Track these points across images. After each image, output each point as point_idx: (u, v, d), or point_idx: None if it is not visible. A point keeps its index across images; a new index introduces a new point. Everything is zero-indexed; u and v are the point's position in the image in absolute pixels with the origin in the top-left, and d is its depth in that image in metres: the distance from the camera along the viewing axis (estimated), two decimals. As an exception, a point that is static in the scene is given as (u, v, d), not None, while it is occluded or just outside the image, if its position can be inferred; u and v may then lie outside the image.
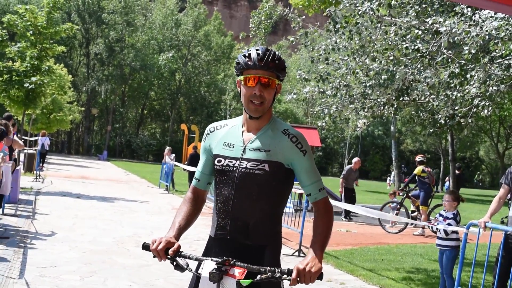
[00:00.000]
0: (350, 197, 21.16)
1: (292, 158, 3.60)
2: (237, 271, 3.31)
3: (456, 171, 21.54)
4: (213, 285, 3.32)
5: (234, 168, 3.63)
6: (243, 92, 3.63)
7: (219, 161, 3.71)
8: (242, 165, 3.61)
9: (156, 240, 3.48)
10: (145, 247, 3.54)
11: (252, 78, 3.57)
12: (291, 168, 3.64)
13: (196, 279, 3.57)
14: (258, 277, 3.28)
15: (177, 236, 3.60)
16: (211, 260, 3.38)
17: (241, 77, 3.63)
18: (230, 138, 3.75)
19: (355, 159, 22.23)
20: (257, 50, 3.60)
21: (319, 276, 3.29)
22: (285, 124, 3.76)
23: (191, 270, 3.44)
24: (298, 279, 3.25)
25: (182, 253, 3.48)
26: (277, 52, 3.64)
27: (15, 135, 9.97)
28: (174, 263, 3.44)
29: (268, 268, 3.27)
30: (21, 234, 11.63)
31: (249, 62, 3.58)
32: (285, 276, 3.25)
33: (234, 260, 3.34)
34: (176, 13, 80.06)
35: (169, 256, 3.45)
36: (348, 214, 20.66)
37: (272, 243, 3.64)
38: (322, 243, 3.51)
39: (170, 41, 79.04)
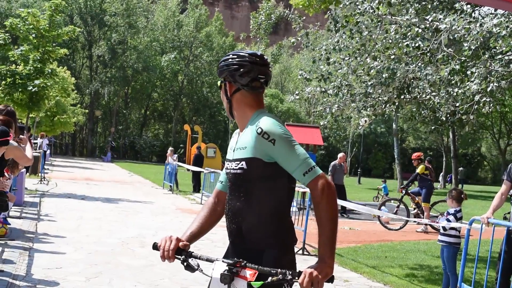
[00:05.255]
0: (340, 193, 21.14)
1: (266, 151, 3.41)
2: (248, 273, 3.25)
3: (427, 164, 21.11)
4: (224, 287, 3.28)
5: (228, 171, 3.68)
6: None
7: (224, 165, 3.76)
8: (231, 166, 3.63)
9: (166, 239, 3.45)
10: (156, 247, 3.51)
11: None
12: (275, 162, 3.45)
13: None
14: (269, 279, 3.18)
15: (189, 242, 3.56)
16: (222, 261, 3.34)
17: None
18: (232, 141, 3.77)
19: (340, 154, 22.21)
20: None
21: (330, 279, 3.20)
22: (263, 117, 3.53)
23: (202, 270, 3.39)
24: (306, 282, 3.13)
25: (192, 253, 3.45)
26: (231, 54, 3.72)
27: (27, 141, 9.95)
28: (185, 264, 3.39)
29: (279, 270, 3.16)
30: (26, 236, 11.67)
31: None
32: (296, 278, 3.15)
33: (245, 262, 3.28)
34: (177, 15, 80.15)
35: (180, 257, 3.40)
36: (344, 211, 20.70)
37: (272, 248, 3.47)
38: (330, 242, 3.29)
39: (172, 43, 79.15)
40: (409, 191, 18.69)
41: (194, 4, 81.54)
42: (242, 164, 3.51)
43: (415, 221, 17.99)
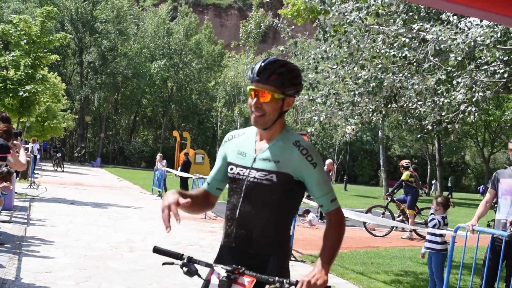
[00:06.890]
0: None
1: (302, 171, 3.52)
2: (246, 280, 3.29)
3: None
4: None
5: (244, 177, 3.62)
6: (248, 102, 3.62)
7: (231, 169, 3.70)
8: (251, 174, 3.58)
9: (168, 196, 3.36)
10: (156, 250, 3.56)
11: (251, 91, 3.54)
12: (301, 181, 3.56)
13: (206, 285, 3.56)
14: (267, 287, 3.26)
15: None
16: (221, 267, 3.37)
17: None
18: (244, 147, 3.72)
19: (328, 161, 22.26)
20: (262, 62, 3.52)
21: (326, 287, 3.26)
22: (297, 135, 3.66)
23: (200, 276, 3.44)
24: None
25: (192, 258, 3.49)
26: (287, 65, 3.56)
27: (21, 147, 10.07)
28: (184, 268, 3.43)
29: (276, 278, 3.22)
30: (16, 241, 11.72)
31: (250, 74, 3.57)
32: (293, 287, 3.19)
33: (243, 269, 3.33)
34: (167, 22, 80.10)
35: (179, 262, 3.47)
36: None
37: (277, 253, 3.54)
38: (331, 255, 3.46)
39: (162, 50, 79.04)
40: (394, 198, 18.82)
41: (184, 12, 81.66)
42: (271, 177, 3.53)
43: (401, 228, 18.14)
